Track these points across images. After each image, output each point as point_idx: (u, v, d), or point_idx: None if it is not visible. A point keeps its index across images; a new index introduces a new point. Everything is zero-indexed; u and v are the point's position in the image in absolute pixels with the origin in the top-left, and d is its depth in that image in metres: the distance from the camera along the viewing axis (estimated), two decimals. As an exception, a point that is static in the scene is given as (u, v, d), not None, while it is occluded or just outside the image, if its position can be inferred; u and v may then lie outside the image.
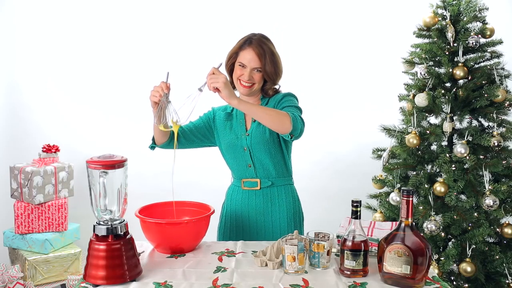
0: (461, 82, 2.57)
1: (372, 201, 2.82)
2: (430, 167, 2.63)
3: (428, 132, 2.55)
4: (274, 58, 1.96)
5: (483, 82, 2.52)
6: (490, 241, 2.54)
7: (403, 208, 1.43)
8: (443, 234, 2.46)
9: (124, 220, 1.50)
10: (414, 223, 1.45)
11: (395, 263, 1.43)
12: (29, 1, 3.54)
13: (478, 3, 2.54)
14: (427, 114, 2.64)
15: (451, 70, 2.51)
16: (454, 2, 2.59)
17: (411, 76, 2.71)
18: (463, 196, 2.53)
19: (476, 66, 2.58)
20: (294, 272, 1.52)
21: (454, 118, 2.55)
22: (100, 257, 1.44)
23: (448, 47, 2.55)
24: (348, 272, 1.50)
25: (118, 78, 3.61)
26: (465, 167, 2.49)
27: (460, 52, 2.51)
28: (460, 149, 2.42)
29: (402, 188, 1.52)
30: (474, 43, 2.51)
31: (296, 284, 1.45)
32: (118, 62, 3.60)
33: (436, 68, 2.61)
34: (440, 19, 2.60)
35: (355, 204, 1.50)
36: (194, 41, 3.57)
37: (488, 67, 2.55)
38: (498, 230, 2.50)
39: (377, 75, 3.49)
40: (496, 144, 2.41)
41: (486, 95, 2.47)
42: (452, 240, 2.53)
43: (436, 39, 2.59)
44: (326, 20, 3.57)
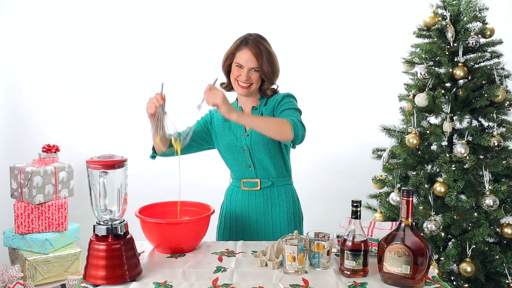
0: (461, 82, 2.57)
1: (372, 201, 2.82)
2: (430, 167, 2.63)
3: (428, 132, 2.55)
4: (271, 57, 1.95)
5: (483, 82, 2.52)
6: (490, 241, 2.54)
7: (403, 208, 1.43)
8: (443, 234, 2.46)
9: (124, 220, 1.50)
10: (414, 223, 1.45)
11: (395, 263, 1.43)
12: (29, 1, 3.54)
13: (478, 3, 2.54)
14: (427, 114, 2.64)
15: (451, 70, 2.51)
16: (454, 2, 2.59)
17: (411, 76, 2.71)
18: (463, 196, 2.53)
19: (476, 66, 2.58)
20: (294, 272, 1.52)
21: (454, 118, 2.55)
22: (100, 257, 1.44)
23: (448, 47, 2.55)
24: (348, 272, 1.50)
25: (118, 78, 3.61)
26: (465, 167, 2.49)
27: (460, 52, 2.51)
28: (460, 149, 2.42)
29: (402, 188, 1.52)
30: (474, 43, 2.51)
31: (296, 284, 1.45)
32: (118, 62, 3.60)
33: (436, 68, 2.62)
34: (440, 19, 2.60)
35: (355, 204, 1.50)
36: (194, 41, 3.57)
37: (488, 67, 2.55)
38: (498, 230, 2.50)
39: (377, 75, 3.49)
40: (496, 144, 2.41)
41: (486, 95, 2.47)
42: (452, 240, 2.53)
43: (436, 39, 2.59)
44: (326, 20, 3.57)
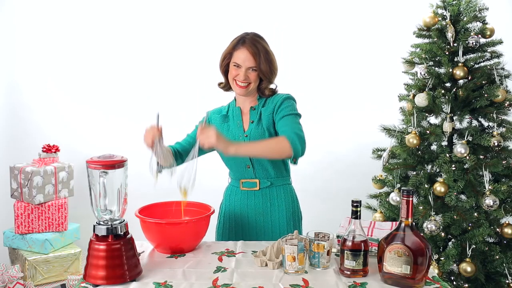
0: (461, 82, 2.57)
1: (372, 201, 2.82)
2: (430, 167, 2.63)
3: (428, 132, 2.55)
4: (268, 56, 1.94)
5: (483, 82, 2.52)
6: (490, 241, 2.54)
7: (403, 208, 1.43)
8: (443, 234, 2.46)
9: (124, 220, 1.51)
10: (414, 223, 1.45)
11: (395, 263, 1.43)
12: (29, 1, 3.54)
13: (478, 3, 2.54)
14: (427, 114, 2.64)
15: (451, 70, 2.51)
16: (454, 2, 2.59)
17: (411, 76, 2.71)
18: (463, 196, 2.53)
19: (476, 66, 2.58)
20: (294, 272, 1.52)
21: (454, 118, 2.55)
22: (100, 257, 1.44)
23: (448, 47, 2.55)
24: (348, 272, 1.50)
25: (118, 78, 3.61)
26: (465, 167, 2.49)
27: (460, 52, 2.51)
28: (460, 149, 2.42)
29: (402, 188, 1.52)
30: (474, 43, 2.51)
31: (296, 284, 1.45)
32: (118, 62, 3.60)
33: (436, 68, 2.61)
34: (440, 19, 2.60)
35: (355, 204, 1.50)
36: (194, 41, 3.57)
37: (488, 67, 2.55)
38: (498, 230, 2.50)
39: (377, 75, 3.49)
40: (496, 144, 2.41)
41: (486, 95, 2.47)
42: (452, 240, 2.53)
43: (436, 39, 2.59)
44: (326, 20, 3.57)
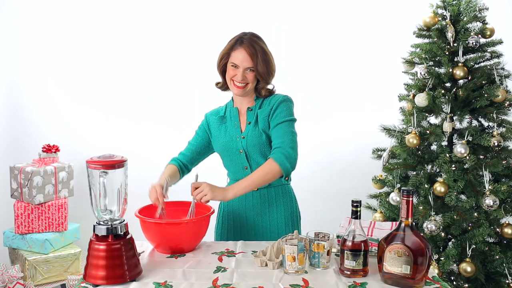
0: (461, 82, 2.57)
1: (372, 201, 2.82)
2: (430, 167, 2.63)
3: (428, 132, 2.55)
4: (266, 57, 1.93)
5: (483, 82, 2.52)
6: (490, 241, 2.54)
7: (403, 208, 1.43)
8: (443, 234, 2.46)
9: (124, 220, 1.51)
10: (414, 223, 1.45)
11: (395, 263, 1.43)
12: (29, 1, 3.54)
13: (478, 3, 2.54)
14: (427, 114, 2.64)
15: (451, 70, 2.51)
16: (454, 2, 2.59)
17: (411, 76, 2.71)
18: (463, 196, 2.53)
19: (476, 66, 2.58)
20: (294, 272, 1.52)
21: (454, 118, 2.55)
22: (100, 257, 1.44)
23: (448, 47, 2.55)
24: (348, 272, 1.50)
25: (118, 78, 3.61)
26: (465, 167, 2.49)
27: (460, 52, 2.51)
28: (460, 149, 2.42)
29: (402, 188, 1.52)
30: (474, 43, 2.51)
31: (296, 284, 1.45)
32: (118, 62, 3.60)
33: (436, 68, 2.61)
34: (440, 19, 2.60)
35: (355, 204, 1.50)
36: (194, 41, 3.57)
37: (488, 67, 2.55)
38: (498, 230, 2.50)
39: (377, 75, 3.49)
40: (496, 144, 2.41)
41: (486, 95, 2.47)
42: (452, 240, 2.53)
43: (436, 39, 2.59)
44: (326, 20, 3.57)
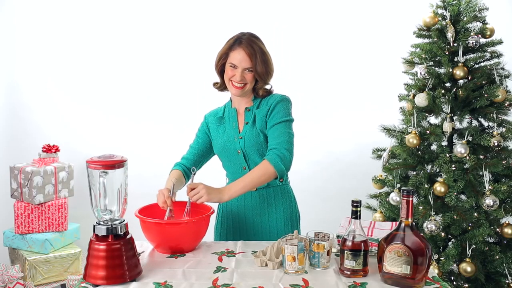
0: (461, 82, 2.57)
1: (372, 201, 2.82)
2: (430, 167, 2.63)
3: (428, 132, 2.55)
4: (264, 57, 1.93)
5: (483, 82, 2.52)
6: (490, 241, 2.54)
7: (403, 208, 1.43)
8: (443, 234, 2.46)
9: (124, 220, 1.51)
10: (414, 223, 1.45)
11: (395, 263, 1.43)
12: (29, 1, 3.54)
13: (478, 3, 2.54)
14: (427, 114, 2.64)
15: (451, 70, 2.51)
16: (454, 2, 2.59)
17: (411, 76, 2.71)
18: (463, 196, 2.53)
19: (476, 66, 2.58)
20: (294, 272, 1.52)
21: (454, 118, 2.55)
22: (100, 257, 1.44)
23: (448, 47, 2.55)
24: (348, 272, 1.50)
25: (118, 78, 3.61)
26: (465, 167, 2.49)
27: (460, 52, 2.51)
28: (460, 149, 2.42)
29: (402, 188, 1.52)
30: (474, 43, 2.51)
31: (296, 284, 1.45)
32: (118, 62, 3.60)
33: (436, 68, 2.61)
34: (440, 19, 2.60)
35: (355, 204, 1.50)
36: (194, 41, 3.57)
37: (488, 67, 2.55)
38: (498, 230, 2.50)
39: (377, 75, 3.49)
40: (496, 144, 2.41)
41: (486, 95, 2.47)
42: (452, 240, 2.53)
43: (436, 39, 2.59)
44: (326, 20, 3.57)
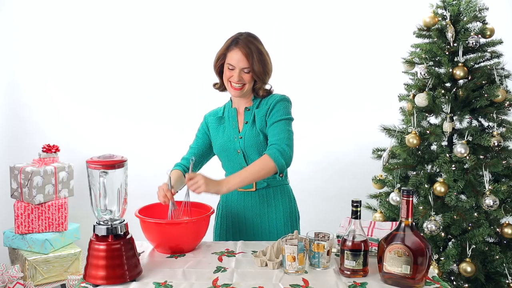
0: (461, 82, 2.57)
1: (372, 201, 2.82)
2: (430, 167, 2.63)
3: (428, 132, 2.55)
4: (262, 57, 1.92)
5: (483, 82, 2.52)
6: (490, 241, 2.54)
7: (403, 208, 1.43)
8: (443, 234, 2.46)
9: (124, 220, 1.51)
10: (414, 223, 1.45)
11: (395, 263, 1.43)
12: (29, 1, 3.54)
13: (478, 3, 2.54)
14: (427, 114, 2.64)
15: (451, 70, 2.51)
16: (454, 2, 2.59)
17: (411, 76, 2.71)
18: (463, 196, 2.53)
19: (476, 66, 2.58)
20: (294, 272, 1.52)
21: (454, 118, 2.55)
22: (100, 257, 1.44)
23: (448, 47, 2.55)
24: (348, 272, 1.50)
25: (118, 78, 3.61)
26: (465, 167, 2.49)
27: (460, 52, 2.51)
28: (460, 149, 2.42)
29: (402, 188, 1.52)
30: (474, 43, 2.51)
31: (296, 284, 1.45)
32: (118, 62, 3.60)
33: (436, 68, 2.61)
34: (440, 19, 2.60)
35: (355, 204, 1.50)
36: (194, 41, 3.57)
37: (488, 67, 2.55)
38: (498, 230, 2.50)
39: (377, 75, 3.49)
40: (496, 144, 2.41)
41: (486, 95, 2.47)
42: (452, 240, 2.53)
43: (436, 39, 2.59)
44: (326, 20, 3.57)
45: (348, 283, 1.46)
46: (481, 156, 2.48)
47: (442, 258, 2.42)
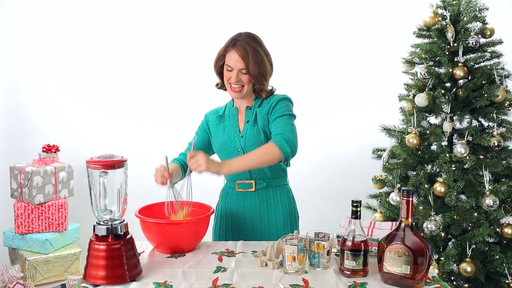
0: (461, 82, 2.57)
1: (372, 201, 2.82)
2: (430, 167, 2.63)
3: (428, 132, 2.55)
4: (258, 58, 1.91)
5: (483, 82, 2.52)
6: (490, 241, 2.54)
7: (403, 208, 1.43)
8: (443, 234, 2.46)
9: (124, 220, 1.51)
10: (414, 223, 1.45)
11: (395, 263, 1.43)
12: (29, 1, 3.54)
13: (478, 3, 2.54)
14: (427, 114, 2.64)
15: (451, 70, 2.51)
16: (454, 2, 2.59)
17: (411, 76, 2.71)
18: (463, 196, 2.53)
19: (476, 66, 2.58)
20: (294, 272, 1.52)
21: (454, 118, 2.55)
22: (100, 257, 1.44)
23: (448, 47, 2.55)
24: (348, 272, 1.50)
25: (118, 78, 3.61)
26: (465, 167, 2.49)
27: (460, 52, 2.51)
28: (460, 149, 2.42)
29: (402, 188, 1.52)
30: (474, 43, 2.51)
31: (296, 284, 1.45)
32: (118, 62, 3.60)
33: (436, 68, 2.61)
34: (440, 19, 2.60)
35: (355, 204, 1.50)
36: (194, 41, 3.57)
37: (488, 67, 2.55)
38: (498, 230, 2.50)
39: (377, 75, 3.49)
40: (496, 144, 2.41)
41: (486, 95, 2.47)
42: (452, 240, 2.53)
43: (436, 39, 2.59)
44: (326, 20, 3.57)
45: (348, 283, 1.46)
46: (481, 156, 2.48)
47: (442, 258, 2.42)
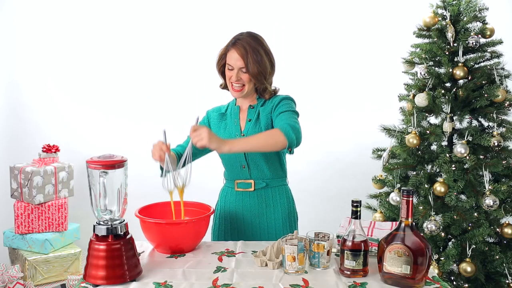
0: (461, 82, 2.57)
1: (372, 201, 2.82)
2: (430, 167, 2.63)
3: (428, 132, 2.55)
4: (258, 57, 1.91)
5: (483, 82, 2.52)
6: (490, 241, 2.54)
7: (403, 208, 1.43)
8: (443, 234, 2.46)
9: (124, 220, 1.51)
10: (414, 223, 1.45)
11: (395, 263, 1.43)
12: (29, 1, 3.54)
13: (478, 3, 2.54)
14: (427, 114, 2.64)
15: (451, 70, 2.51)
16: (454, 2, 2.59)
17: (411, 76, 2.71)
18: (463, 196, 2.53)
19: (476, 66, 2.58)
20: (294, 272, 1.52)
21: (454, 118, 2.55)
22: (100, 257, 1.44)
23: (448, 47, 2.55)
24: (348, 272, 1.50)
25: (118, 78, 3.61)
26: (465, 167, 2.49)
27: (460, 52, 2.51)
28: (460, 149, 2.42)
29: (402, 188, 1.52)
30: (474, 43, 2.51)
31: (296, 284, 1.45)
32: (118, 62, 3.60)
33: (436, 68, 2.61)
34: (440, 19, 2.60)
35: (355, 204, 1.50)
36: (194, 41, 3.57)
37: (488, 67, 2.55)
38: (498, 230, 2.50)
39: (377, 75, 3.49)
40: (496, 144, 2.41)
41: (486, 95, 2.47)
42: (452, 240, 2.53)
43: (436, 39, 2.59)
44: (326, 20, 3.57)
45: (348, 283, 1.46)
46: (481, 156, 2.48)
47: (442, 258, 2.42)
